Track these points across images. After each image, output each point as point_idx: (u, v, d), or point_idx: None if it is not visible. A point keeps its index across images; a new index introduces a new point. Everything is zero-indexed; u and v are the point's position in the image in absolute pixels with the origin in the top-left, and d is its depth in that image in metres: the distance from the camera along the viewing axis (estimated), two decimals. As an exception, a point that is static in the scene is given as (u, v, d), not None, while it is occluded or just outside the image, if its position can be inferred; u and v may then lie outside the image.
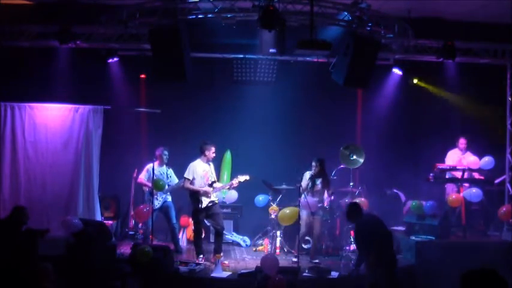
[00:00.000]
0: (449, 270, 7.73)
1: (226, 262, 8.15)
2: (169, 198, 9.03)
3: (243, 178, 8.25)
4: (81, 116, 8.94)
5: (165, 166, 8.98)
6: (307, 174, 8.43)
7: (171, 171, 9.04)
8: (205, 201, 8.10)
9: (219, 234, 8.27)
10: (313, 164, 8.40)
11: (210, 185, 8.19)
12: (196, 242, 8.28)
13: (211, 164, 8.41)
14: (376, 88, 10.20)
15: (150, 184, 8.73)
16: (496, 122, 10.03)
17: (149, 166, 8.80)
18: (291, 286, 6.56)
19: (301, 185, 8.07)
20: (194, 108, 10.16)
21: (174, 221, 8.96)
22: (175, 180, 9.01)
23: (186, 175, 8.17)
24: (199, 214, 8.13)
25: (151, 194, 8.45)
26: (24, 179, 8.75)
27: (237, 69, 10.01)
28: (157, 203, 8.72)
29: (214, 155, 8.33)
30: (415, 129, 10.64)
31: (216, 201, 8.29)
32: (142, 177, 8.97)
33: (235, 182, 8.30)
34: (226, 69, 10.07)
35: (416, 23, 8.94)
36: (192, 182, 8.13)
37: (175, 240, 8.91)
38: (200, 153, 8.29)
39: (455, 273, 2.94)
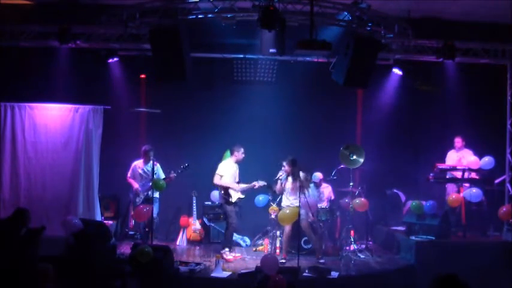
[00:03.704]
0: (449, 270, 7.74)
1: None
2: (157, 195, 8.93)
3: (262, 183, 8.75)
4: (81, 116, 8.91)
5: (150, 163, 8.87)
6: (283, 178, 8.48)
7: (157, 168, 8.93)
8: (234, 197, 8.61)
9: (234, 230, 8.79)
10: (283, 164, 8.41)
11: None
12: (225, 233, 8.74)
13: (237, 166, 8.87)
14: (376, 88, 10.20)
15: (134, 183, 9.02)
16: (496, 122, 10.02)
17: (134, 164, 9.07)
18: (291, 286, 6.55)
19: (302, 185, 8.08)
20: (194, 108, 10.16)
21: (154, 215, 8.78)
22: (161, 175, 8.97)
23: (218, 172, 8.64)
24: (230, 206, 8.61)
25: (136, 194, 8.80)
26: (24, 179, 8.73)
27: (237, 69, 10.01)
28: (138, 200, 8.93)
29: (243, 155, 8.75)
30: (415, 129, 10.63)
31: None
32: (129, 175, 9.11)
33: (257, 184, 8.75)
34: (226, 69, 10.06)
35: (416, 23, 8.95)
36: (222, 179, 8.61)
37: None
38: (231, 154, 8.81)
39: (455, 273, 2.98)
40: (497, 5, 8.75)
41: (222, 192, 8.68)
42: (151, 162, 8.83)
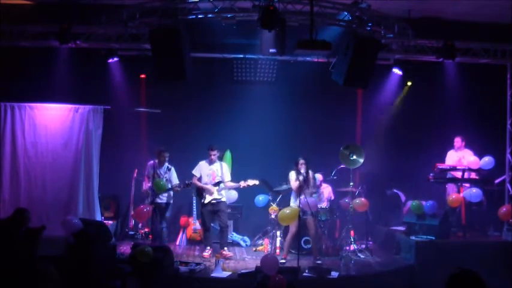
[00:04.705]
0: (449, 270, 7.74)
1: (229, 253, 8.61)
2: (167, 199, 8.81)
3: (252, 182, 8.58)
4: (81, 116, 8.93)
5: (165, 166, 8.80)
6: (293, 174, 8.31)
7: (169, 174, 8.78)
8: (207, 198, 8.58)
9: (222, 230, 8.68)
10: (301, 161, 8.29)
11: (216, 184, 8.56)
12: (203, 234, 8.86)
13: (224, 165, 8.82)
14: (376, 88, 10.20)
15: (146, 183, 8.93)
16: (496, 122, 10.02)
17: (149, 163, 8.98)
18: (291, 286, 6.55)
19: (295, 184, 8.05)
20: (194, 108, 10.16)
21: (163, 224, 8.78)
22: (172, 181, 8.79)
23: (193, 171, 8.75)
24: (202, 208, 8.67)
25: (146, 194, 8.78)
26: (24, 179, 8.74)
27: (237, 69, 10.03)
28: (146, 201, 8.80)
29: (211, 156, 8.68)
30: (415, 129, 10.62)
31: (222, 200, 8.67)
32: (146, 173, 9.00)
33: (242, 184, 8.59)
34: (226, 69, 10.07)
35: (416, 23, 8.95)
36: (199, 179, 8.69)
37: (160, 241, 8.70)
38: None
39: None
40: (497, 5, 8.76)
41: (196, 192, 8.80)
42: (166, 165, 8.77)
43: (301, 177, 8.20)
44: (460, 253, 8.17)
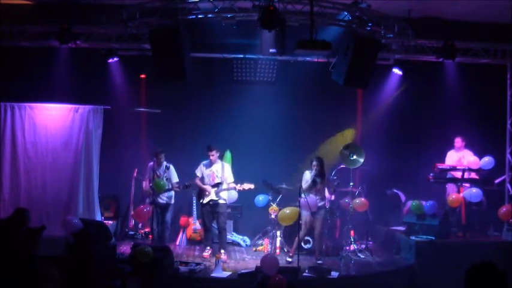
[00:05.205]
0: (449, 270, 7.75)
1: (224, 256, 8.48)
2: (168, 200, 8.79)
3: (247, 186, 8.57)
4: (81, 116, 8.92)
5: (163, 165, 8.78)
6: (307, 174, 8.35)
7: (168, 173, 8.79)
8: (206, 199, 8.56)
9: (219, 232, 8.66)
10: (314, 163, 8.33)
11: (216, 185, 8.53)
12: (203, 234, 8.92)
13: (226, 165, 8.79)
14: (376, 88, 10.19)
15: (146, 183, 8.89)
16: (496, 122, 10.01)
17: (149, 164, 8.94)
18: (291, 286, 6.55)
19: (301, 185, 8.05)
20: (194, 108, 10.15)
21: (166, 224, 8.77)
22: (172, 179, 8.79)
23: (196, 171, 8.78)
24: (202, 208, 8.67)
25: (147, 194, 8.73)
26: (24, 179, 8.74)
27: (237, 69, 10.02)
28: (148, 201, 8.79)
29: (211, 158, 8.65)
30: (415, 129, 10.63)
31: (221, 201, 8.60)
32: (147, 175, 8.96)
33: (238, 186, 8.59)
34: (226, 69, 10.07)
35: (416, 23, 8.94)
36: (201, 179, 8.69)
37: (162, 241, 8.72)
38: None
39: (455, 273, 3.00)
40: (497, 5, 8.76)
41: (197, 193, 8.85)
42: (164, 164, 8.74)
43: (310, 179, 8.25)
44: (460, 253, 8.17)
